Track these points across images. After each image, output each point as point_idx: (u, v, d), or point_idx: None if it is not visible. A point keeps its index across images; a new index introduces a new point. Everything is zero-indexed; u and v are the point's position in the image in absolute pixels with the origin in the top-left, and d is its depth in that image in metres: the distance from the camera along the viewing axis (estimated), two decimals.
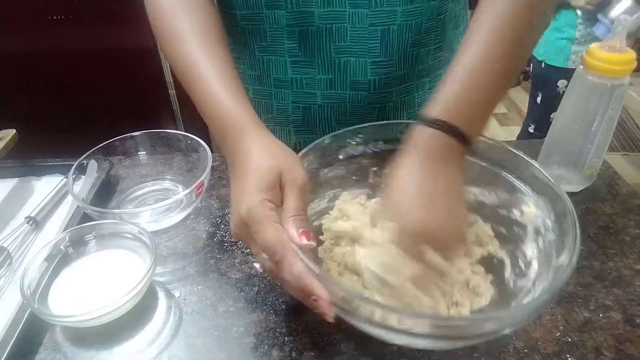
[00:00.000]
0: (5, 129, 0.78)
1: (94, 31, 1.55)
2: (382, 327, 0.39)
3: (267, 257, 0.42)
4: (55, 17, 1.53)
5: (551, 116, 1.79)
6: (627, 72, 0.59)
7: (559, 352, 0.47)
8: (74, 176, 0.64)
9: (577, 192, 0.68)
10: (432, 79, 0.71)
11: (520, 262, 0.50)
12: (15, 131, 0.78)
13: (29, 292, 0.49)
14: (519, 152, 0.52)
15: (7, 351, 0.46)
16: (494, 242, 0.54)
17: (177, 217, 0.64)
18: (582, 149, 0.65)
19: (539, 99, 1.85)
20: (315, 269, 0.39)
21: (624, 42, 0.58)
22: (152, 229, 0.61)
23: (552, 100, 1.75)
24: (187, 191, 0.60)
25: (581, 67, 0.61)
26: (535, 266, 0.48)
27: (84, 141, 0.70)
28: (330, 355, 0.47)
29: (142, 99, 1.67)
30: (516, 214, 0.52)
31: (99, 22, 1.54)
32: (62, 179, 0.70)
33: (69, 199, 0.67)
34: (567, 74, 1.71)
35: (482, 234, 0.54)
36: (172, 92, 1.75)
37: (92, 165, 0.68)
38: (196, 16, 0.56)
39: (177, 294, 0.54)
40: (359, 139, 0.57)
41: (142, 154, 0.73)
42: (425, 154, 0.45)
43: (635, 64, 0.59)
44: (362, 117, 0.72)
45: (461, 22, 0.72)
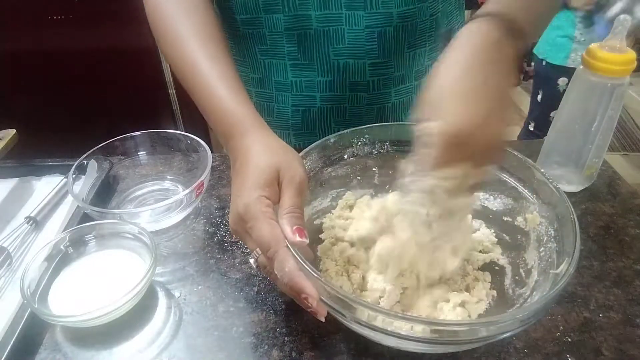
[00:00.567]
0: (5, 129, 0.79)
1: (94, 31, 1.55)
2: (370, 327, 0.38)
3: (261, 252, 0.42)
4: (55, 17, 1.53)
5: (551, 115, 1.79)
6: (627, 72, 0.59)
7: (559, 352, 0.47)
8: (74, 176, 0.64)
9: (577, 192, 0.68)
10: None
11: (520, 270, 0.51)
12: (15, 131, 0.78)
13: (29, 292, 0.49)
14: (526, 159, 0.51)
15: (7, 351, 0.46)
16: (497, 249, 0.54)
17: (177, 217, 0.64)
18: (582, 149, 0.64)
19: (539, 97, 1.86)
20: (307, 267, 0.39)
21: (624, 42, 0.58)
22: (152, 229, 0.61)
23: (553, 98, 1.76)
24: (187, 191, 0.60)
25: (581, 66, 0.61)
26: (535, 275, 0.48)
27: (84, 141, 0.70)
28: (330, 355, 0.47)
29: (142, 99, 1.67)
30: (520, 221, 0.52)
31: (99, 22, 1.54)
32: (62, 179, 0.70)
33: (69, 199, 0.67)
34: (567, 72, 1.71)
35: (486, 240, 0.54)
36: (172, 92, 1.75)
37: (92, 165, 0.68)
38: (195, 17, 0.56)
39: (177, 294, 0.54)
40: (364, 139, 0.57)
41: (142, 154, 0.73)
42: (474, 51, 0.40)
43: (635, 64, 0.59)
44: (361, 118, 0.72)
45: (455, 23, 0.72)
